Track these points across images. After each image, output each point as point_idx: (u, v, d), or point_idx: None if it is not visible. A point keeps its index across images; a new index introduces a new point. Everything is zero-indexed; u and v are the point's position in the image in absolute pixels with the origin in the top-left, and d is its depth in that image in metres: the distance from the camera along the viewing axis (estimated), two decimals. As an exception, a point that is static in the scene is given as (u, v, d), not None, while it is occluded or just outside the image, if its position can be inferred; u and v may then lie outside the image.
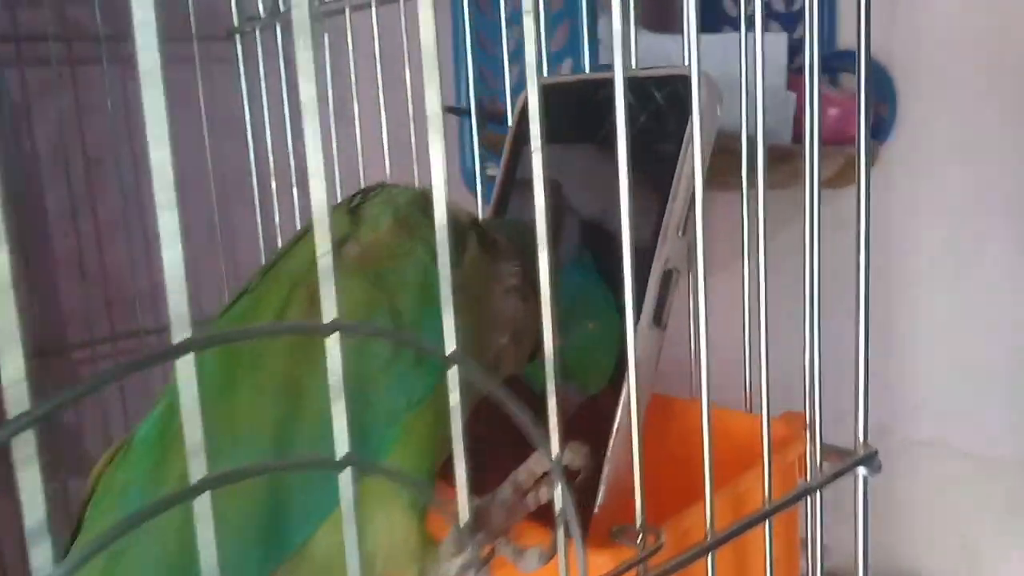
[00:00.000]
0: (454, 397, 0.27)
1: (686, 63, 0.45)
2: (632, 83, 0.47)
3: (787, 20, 0.98)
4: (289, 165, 0.72)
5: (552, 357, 0.29)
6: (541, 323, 0.41)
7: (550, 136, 0.48)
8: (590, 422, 0.42)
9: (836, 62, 0.96)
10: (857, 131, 0.41)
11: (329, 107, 0.68)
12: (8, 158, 0.69)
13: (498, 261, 0.37)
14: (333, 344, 0.24)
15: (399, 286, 0.32)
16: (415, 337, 0.24)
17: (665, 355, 0.44)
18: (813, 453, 0.40)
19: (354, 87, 0.65)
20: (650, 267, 0.42)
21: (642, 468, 0.33)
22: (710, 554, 0.35)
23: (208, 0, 0.77)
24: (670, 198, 0.42)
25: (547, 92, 0.50)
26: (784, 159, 0.83)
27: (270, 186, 0.77)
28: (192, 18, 0.75)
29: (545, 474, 0.31)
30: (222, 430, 0.30)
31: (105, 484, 0.31)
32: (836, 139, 0.89)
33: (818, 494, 0.40)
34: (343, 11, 0.66)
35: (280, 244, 0.70)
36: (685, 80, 0.43)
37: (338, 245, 0.33)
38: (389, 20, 0.64)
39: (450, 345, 0.26)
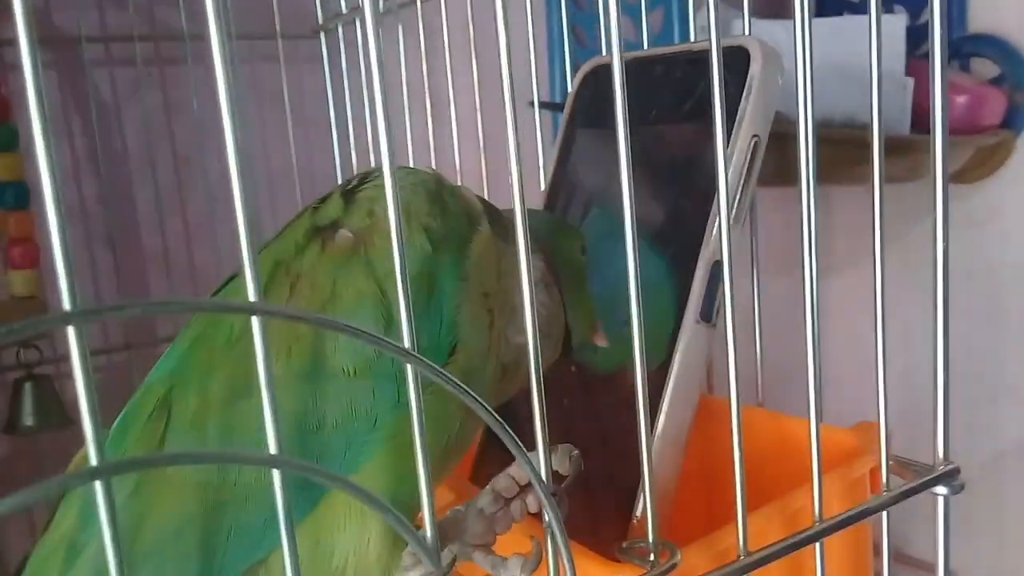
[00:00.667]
0: (412, 396, 0.24)
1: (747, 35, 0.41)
2: (687, 57, 0.43)
3: (912, 3, 0.92)
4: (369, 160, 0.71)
5: (536, 348, 0.26)
6: (570, 317, 0.38)
7: (606, 118, 0.45)
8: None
9: (967, 47, 0.90)
10: (932, 118, 0.36)
11: (426, 101, 0.66)
12: (98, 157, 0.70)
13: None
14: (256, 327, 0.21)
15: (393, 275, 0.29)
16: (357, 328, 0.21)
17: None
18: (881, 467, 0.36)
19: (450, 76, 0.63)
20: (695, 258, 0.38)
21: (651, 473, 0.29)
22: (744, 577, 0.31)
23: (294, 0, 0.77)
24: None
25: (604, 72, 0.47)
26: (902, 151, 0.77)
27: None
28: (277, 17, 0.75)
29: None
30: (194, 412, 0.28)
31: (82, 460, 0.31)
32: (965, 129, 0.83)
33: (884, 515, 0.35)
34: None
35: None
36: (744, 52, 0.39)
37: (328, 230, 0.31)
38: (481, 8, 0.62)
39: (407, 341, 0.24)
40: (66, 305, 0.19)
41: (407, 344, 0.24)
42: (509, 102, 0.27)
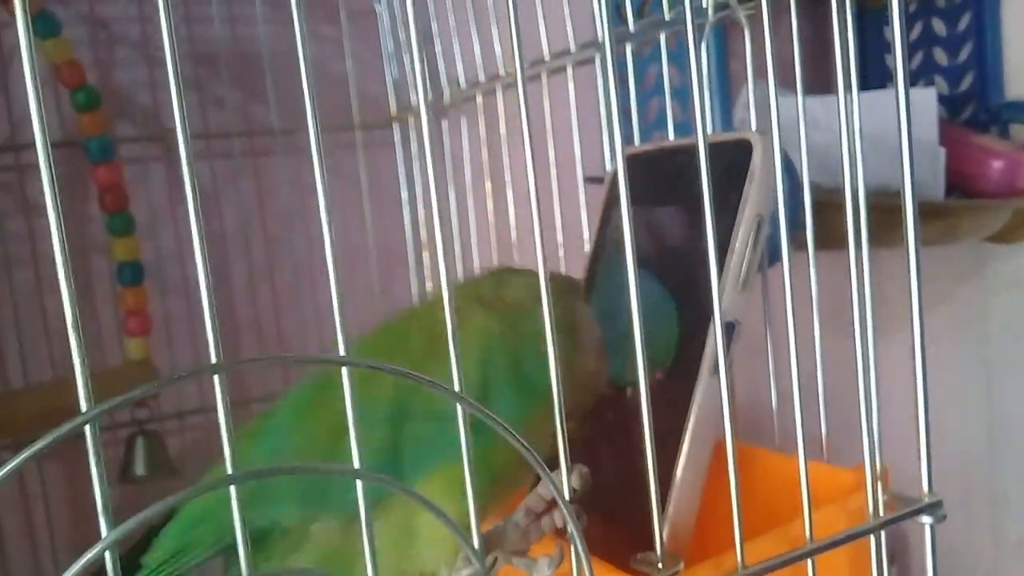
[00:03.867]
0: (463, 435, 0.31)
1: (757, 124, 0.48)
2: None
3: (951, 73, 0.97)
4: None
5: (558, 387, 0.33)
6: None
7: (636, 198, 0.53)
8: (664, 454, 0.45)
9: (1006, 113, 0.94)
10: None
11: (486, 184, 0.74)
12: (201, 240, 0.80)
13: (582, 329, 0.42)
14: (344, 375, 0.29)
15: (524, 334, 0.39)
16: (422, 376, 0.29)
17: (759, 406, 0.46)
18: (869, 498, 0.41)
19: (507, 161, 0.71)
20: (710, 320, 0.45)
21: (658, 492, 0.36)
22: (742, 588, 0.37)
23: (371, 92, 0.86)
24: (728, 254, 0.45)
25: (635, 159, 0.55)
26: (937, 215, 0.82)
27: (422, 257, 0.85)
28: (355, 109, 0.85)
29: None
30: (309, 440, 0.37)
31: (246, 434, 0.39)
32: (1003, 192, 0.87)
33: (872, 539, 0.41)
34: (494, 92, 0.72)
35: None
36: (747, 144, 0.46)
37: (485, 297, 0.41)
38: (533, 97, 0.69)
39: (457, 385, 0.31)
40: (212, 358, 0.27)
41: (456, 388, 0.31)
42: (533, 191, 0.35)
